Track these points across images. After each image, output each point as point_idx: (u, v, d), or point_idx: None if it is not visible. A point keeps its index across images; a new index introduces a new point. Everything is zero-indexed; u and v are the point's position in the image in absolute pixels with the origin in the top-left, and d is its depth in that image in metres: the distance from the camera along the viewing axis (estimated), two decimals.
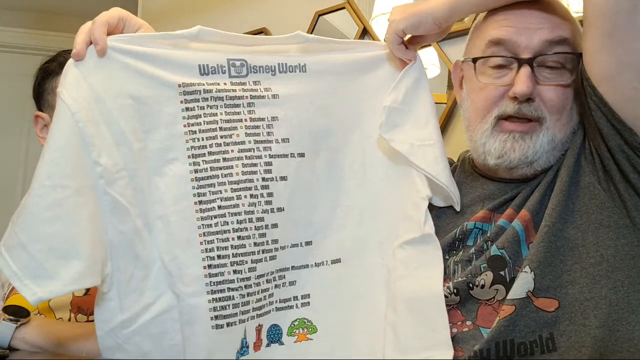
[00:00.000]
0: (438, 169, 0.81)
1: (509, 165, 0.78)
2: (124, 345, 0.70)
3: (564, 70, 0.77)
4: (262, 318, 0.76)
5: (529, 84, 0.75)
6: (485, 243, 0.76)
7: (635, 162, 0.69)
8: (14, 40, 2.88)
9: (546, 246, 0.71)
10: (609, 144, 0.70)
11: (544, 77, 0.77)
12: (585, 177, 0.74)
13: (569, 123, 0.78)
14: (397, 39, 0.80)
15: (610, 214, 0.71)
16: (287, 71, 0.78)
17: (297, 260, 0.79)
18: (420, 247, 0.78)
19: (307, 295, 0.79)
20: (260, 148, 0.76)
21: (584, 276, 0.69)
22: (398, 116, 0.80)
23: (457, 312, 0.75)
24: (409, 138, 0.80)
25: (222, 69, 0.75)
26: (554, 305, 0.68)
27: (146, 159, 0.72)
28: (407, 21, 0.79)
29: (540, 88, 0.77)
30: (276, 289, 0.77)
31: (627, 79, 0.67)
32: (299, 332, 0.78)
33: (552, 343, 0.67)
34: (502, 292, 0.72)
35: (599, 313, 0.67)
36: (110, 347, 0.71)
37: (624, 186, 0.70)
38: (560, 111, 0.77)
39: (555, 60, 0.77)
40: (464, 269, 0.77)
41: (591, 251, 0.70)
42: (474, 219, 0.80)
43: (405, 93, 0.81)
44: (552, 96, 0.76)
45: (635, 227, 0.70)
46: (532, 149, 0.77)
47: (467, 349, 0.71)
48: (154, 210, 0.71)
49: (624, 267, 0.69)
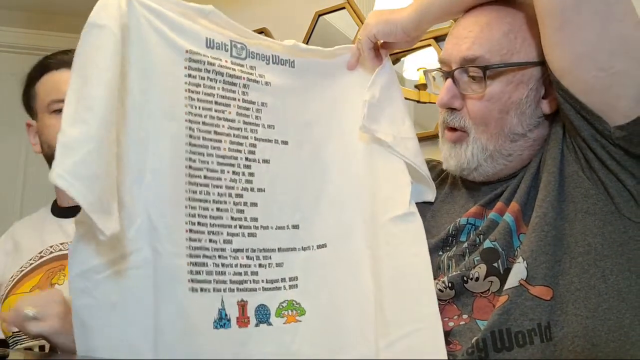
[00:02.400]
0: (419, 160, 0.86)
1: (454, 171, 0.83)
2: (93, 291, 0.69)
3: (479, 82, 0.78)
4: (245, 294, 0.77)
5: (445, 94, 0.80)
6: (478, 237, 0.78)
7: (610, 150, 0.70)
8: (14, 40, 2.87)
9: (538, 236, 0.71)
10: (583, 135, 0.72)
11: (470, 88, 0.80)
12: (569, 167, 0.75)
13: (501, 133, 0.80)
14: (369, 42, 0.85)
15: (596, 202, 0.72)
16: (279, 63, 0.84)
17: (283, 242, 0.81)
18: (404, 225, 0.81)
19: (295, 278, 0.81)
20: (247, 129, 0.80)
21: (573, 266, 0.69)
22: (377, 111, 0.85)
23: (453, 307, 0.76)
24: (391, 131, 0.84)
25: (225, 47, 0.79)
26: (550, 294, 0.69)
27: (147, 110, 0.72)
28: (380, 27, 0.84)
29: (467, 100, 0.80)
30: (261, 268, 0.78)
31: (586, 68, 0.69)
32: (287, 314, 0.79)
33: (549, 332, 0.67)
34: (496, 283, 0.73)
35: (589, 303, 0.67)
36: (80, 290, 0.69)
37: (604, 173, 0.71)
38: (485, 122, 0.79)
39: (474, 71, 0.79)
40: (458, 263, 0.78)
41: (579, 240, 0.70)
42: (467, 215, 0.82)
43: (381, 92, 0.86)
44: (473, 108, 0.80)
45: (620, 213, 0.71)
46: (464, 157, 0.81)
47: (464, 341, 0.71)
48: (149, 162, 0.72)
49: (611, 254, 0.69)
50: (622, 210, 0.71)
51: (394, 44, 0.88)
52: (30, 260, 1.13)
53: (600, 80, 0.68)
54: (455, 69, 0.80)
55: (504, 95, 0.79)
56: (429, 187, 0.89)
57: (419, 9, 0.82)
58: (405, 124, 0.87)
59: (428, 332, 0.74)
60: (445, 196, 0.91)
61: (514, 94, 0.78)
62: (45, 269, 1.10)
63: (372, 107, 0.84)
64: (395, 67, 1.49)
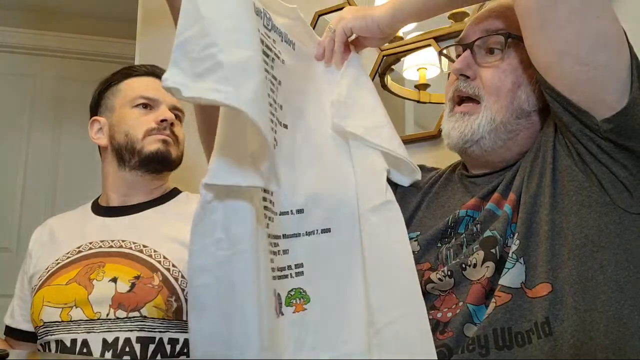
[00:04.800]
0: (394, 144, 0.86)
1: (454, 145, 0.85)
2: (215, 270, 0.63)
3: (499, 52, 0.83)
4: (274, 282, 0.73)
5: (463, 61, 0.83)
6: (475, 227, 0.79)
7: (599, 143, 0.71)
8: (14, 40, 2.88)
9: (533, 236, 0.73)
10: (572, 130, 0.73)
11: (485, 60, 0.83)
12: (562, 160, 0.76)
13: (510, 106, 0.82)
14: (343, 35, 0.88)
15: (590, 194, 0.72)
16: (287, 43, 0.83)
17: (288, 228, 0.78)
18: (383, 214, 0.81)
19: (300, 265, 0.79)
20: (273, 107, 0.77)
21: (571, 258, 0.70)
22: (346, 108, 0.86)
23: (452, 296, 0.76)
24: (362, 122, 0.85)
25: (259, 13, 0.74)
26: (548, 289, 0.69)
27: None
28: (357, 22, 0.87)
29: (481, 70, 0.83)
30: (273, 255, 0.75)
31: (568, 64, 0.70)
32: (295, 302, 0.77)
33: (548, 327, 0.67)
34: (491, 269, 0.74)
35: (587, 295, 0.67)
36: (201, 268, 0.63)
37: (596, 166, 0.72)
38: (498, 92, 0.82)
39: (494, 42, 0.83)
40: (457, 253, 0.79)
41: (576, 233, 0.71)
42: (465, 207, 0.83)
43: (348, 87, 0.87)
44: (488, 76, 0.83)
45: (615, 205, 0.71)
46: (470, 127, 0.82)
47: (455, 327, 0.72)
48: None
49: (608, 245, 0.70)
50: (616, 202, 0.71)
51: (365, 40, 0.91)
52: (67, 253, 1.14)
53: (584, 75, 0.70)
54: (477, 39, 0.83)
55: (519, 68, 0.82)
56: (411, 168, 0.90)
57: (394, 7, 0.85)
58: (377, 113, 0.88)
59: (413, 317, 0.74)
60: (439, 188, 0.92)
61: (527, 70, 0.81)
62: (83, 264, 1.10)
63: (340, 105, 0.86)
64: (395, 67, 1.50)
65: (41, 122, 2.86)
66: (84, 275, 1.08)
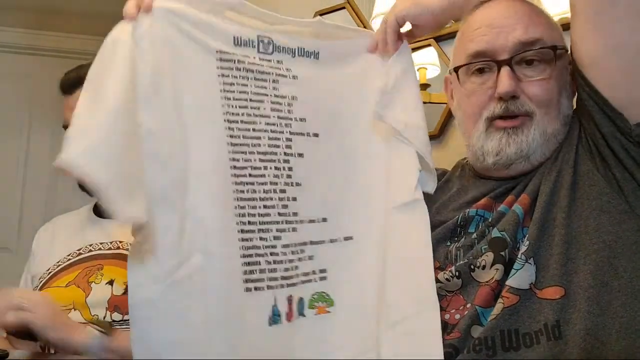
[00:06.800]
0: (427, 150, 0.86)
1: (507, 161, 0.81)
2: (157, 302, 0.68)
3: (543, 64, 0.80)
4: (292, 289, 0.78)
5: (510, 82, 0.79)
6: (487, 228, 0.78)
7: (628, 148, 0.71)
8: (14, 40, 2.87)
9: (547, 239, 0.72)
10: (603, 131, 0.72)
11: (525, 74, 0.80)
12: (583, 165, 0.75)
13: (558, 116, 0.81)
14: (396, 24, 0.86)
15: (610, 200, 0.72)
16: (304, 55, 0.84)
17: (314, 235, 0.81)
18: (410, 211, 0.82)
19: (324, 270, 0.81)
20: (282, 124, 0.80)
21: (587, 263, 0.69)
22: (390, 98, 0.86)
23: (460, 297, 0.76)
24: (403, 118, 0.85)
25: (253, 43, 0.79)
26: (560, 292, 0.69)
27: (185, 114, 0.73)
28: (410, 9, 0.85)
29: (524, 85, 0.80)
30: (299, 262, 0.79)
31: (614, 62, 0.69)
32: (318, 305, 0.80)
33: (558, 331, 0.67)
34: (501, 271, 0.73)
35: (602, 300, 0.67)
36: (141, 301, 0.68)
37: (619, 171, 0.72)
38: (547, 104, 0.80)
39: (532, 56, 0.79)
40: (466, 254, 0.78)
41: (593, 238, 0.70)
42: (476, 207, 0.82)
43: (396, 78, 0.86)
44: (536, 91, 0.80)
45: (634, 213, 0.71)
46: (526, 142, 0.80)
47: (463, 328, 0.72)
48: (192, 168, 0.72)
49: (625, 252, 0.69)
50: (635, 210, 0.71)
51: (417, 29, 0.89)
52: (68, 255, 1.14)
53: (626, 76, 0.69)
54: (516, 54, 0.80)
55: (563, 76, 0.81)
56: (430, 179, 0.90)
57: None
58: (418, 112, 0.87)
59: (427, 314, 0.76)
60: (451, 190, 0.92)
61: (566, 75, 0.81)
62: (83, 267, 1.10)
63: (386, 94, 0.85)
64: None
65: (41, 122, 2.85)
66: (83, 277, 1.08)
